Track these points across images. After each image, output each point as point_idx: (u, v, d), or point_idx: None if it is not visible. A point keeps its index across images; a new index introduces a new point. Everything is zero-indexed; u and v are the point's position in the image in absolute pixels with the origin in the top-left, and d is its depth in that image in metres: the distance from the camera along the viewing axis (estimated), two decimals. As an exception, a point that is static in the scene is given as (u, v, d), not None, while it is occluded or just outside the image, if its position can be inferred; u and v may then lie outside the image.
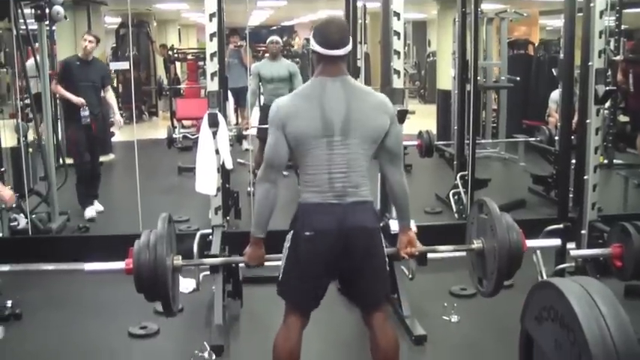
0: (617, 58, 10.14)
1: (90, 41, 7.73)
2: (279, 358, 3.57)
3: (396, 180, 3.63)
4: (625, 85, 9.86)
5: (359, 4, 7.81)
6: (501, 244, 3.60)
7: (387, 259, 3.62)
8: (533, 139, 9.47)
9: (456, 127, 8.69)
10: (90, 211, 7.76)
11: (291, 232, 3.51)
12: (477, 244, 3.87)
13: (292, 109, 3.47)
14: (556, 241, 4.52)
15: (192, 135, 11.17)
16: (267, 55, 9.48)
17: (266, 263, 3.73)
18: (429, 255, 4.89)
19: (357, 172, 3.49)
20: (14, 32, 7.23)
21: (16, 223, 6.87)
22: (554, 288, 2.66)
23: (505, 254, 3.59)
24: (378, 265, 3.56)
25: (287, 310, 3.63)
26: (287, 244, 3.53)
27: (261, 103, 9.42)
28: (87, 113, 7.59)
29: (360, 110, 3.46)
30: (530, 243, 3.85)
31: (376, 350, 3.64)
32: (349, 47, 3.52)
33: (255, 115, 9.81)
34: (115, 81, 15.42)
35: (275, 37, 9.25)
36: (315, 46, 3.52)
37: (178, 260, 3.74)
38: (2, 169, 6.90)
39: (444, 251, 4.15)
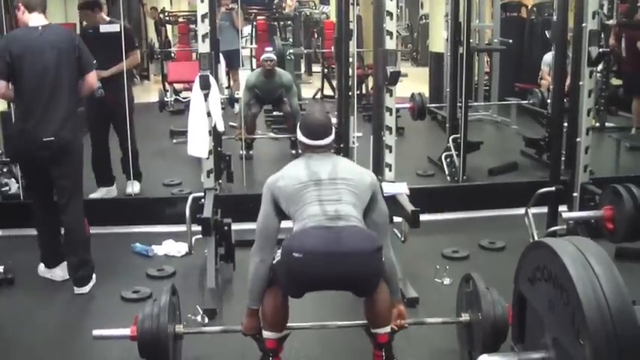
0: (610, 22, 10.11)
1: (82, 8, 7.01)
2: (268, 315, 3.66)
3: (385, 255, 3.67)
4: (617, 49, 9.83)
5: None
6: (486, 320, 3.73)
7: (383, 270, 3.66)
8: (526, 101, 9.47)
9: (448, 90, 8.67)
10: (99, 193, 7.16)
11: (281, 246, 3.52)
12: (464, 317, 4.03)
13: (279, 175, 3.74)
14: None
15: (184, 98, 11.11)
16: (261, 68, 9.21)
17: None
18: (422, 217, 4.91)
19: (348, 203, 3.57)
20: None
21: (7, 188, 6.85)
22: (547, 248, 2.65)
23: (489, 330, 3.72)
24: (376, 282, 3.59)
25: (275, 283, 3.66)
26: (279, 251, 3.58)
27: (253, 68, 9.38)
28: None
29: (345, 167, 3.78)
30: None
31: (369, 308, 3.70)
32: (332, 137, 3.82)
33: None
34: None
35: (270, 55, 9.11)
36: (300, 137, 3.82)
37: (180, 328, 3.93)
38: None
39: (432, 323, 4.22)
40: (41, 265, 5.43)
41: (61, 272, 5.35)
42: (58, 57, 5.02)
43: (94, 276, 5.28)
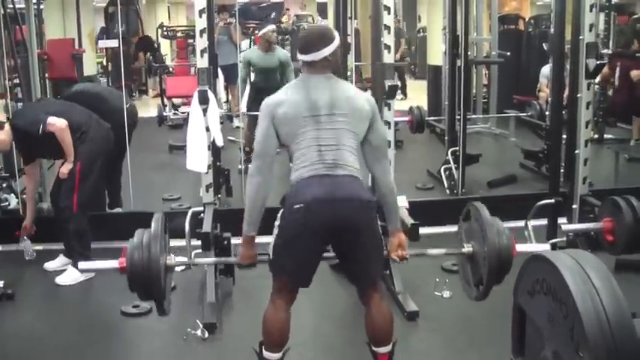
0: (605, 51, 10.10)
1: None
2: (270, 334, 3.61)
3: (383, 178, 3.67)
4: (612, 79, 9.82)
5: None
6: (491, 250, 3.63)
7: (382, 237, 3.62)
8: (524, 114, 9.48)
9: (446, 103, 8.69)
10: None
11: (281, 210, 3.50)
12: (467, 249, 3.91)
13: (280, 98, 3.62)
14: (545, 246, 4.37)
15: (183, 113, 11.14)
16: (258, 43, 9.28)
17: (257, 240, 3.71)
18: (421, 230, 4.91)
19: (346, 148, 3.52)
20: (1, 11, 7.15)
21: (6, 204, 6.85)
22: (547, 261, 2.65)
23: (494, 260, 3.61)
24: (374, 241, 3.56)
25: (274, 288, 3.64)
26: (277, 222, 3.52)
27: (251, 80, 9.40)
28: None
29: (343, 95, 3.62)
30: (520, 247, 3.84)
31: (371, 326, 3.67)
32: (325, 52, 3.61)
33: (245, 94, 9.82)
34: (105, 59, 15.36)
35: (272, 26, 9.19)
36: (297, 54, 3.69)
37: (171, 260, 3.78)
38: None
39: (435, 254, 4.16)
40: (74, 272, 5.60)
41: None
42: None
43: None
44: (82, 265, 3.92)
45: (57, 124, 5.52)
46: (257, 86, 8.89)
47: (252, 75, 9.18)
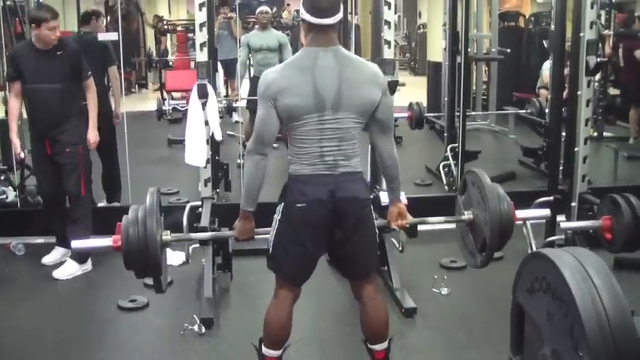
0: (606, 32, 10.14)
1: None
2: (271, 332, 3.58)
3: (387, 149, 3.57)
4: (615, 59, 9.88)
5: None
6: (493, 215, 3.58)
7: (377, 231, 3.61)
8: (524, 111, 9.46)
9: (446, 99, 8.67)
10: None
11: (282, 204, 3.47)
12: (467, 215, 3.86)
13: (284, 83, 3.33)
14: (545, 212, 4.50)
15: (182, 107, 11.13)
16: (256, 26, 9.48)
17: (256, 236, 3.69)
18: (420, 227, 4.89)
19: (348, 144, 3.44)
20: (1, 3, 7.13)
21: (4, 196, 6.83)
22: (546, 259, 2.63)
23: (496, 225, 3.57)
24: (368, 236, 3.54)
25: (277, 285, 3.60)
26: (277, 217, 3.48)
27: (251, 75, 9.41)
28: None
29: (351, 82, 3.36)
30: (520, 214, 3.84)
31: (366, 323, 3.65)
32: (340, 15, 3.35)
33: (244, 87, 9.83)
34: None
35: (264, 8, 9.33)
36: (304, 14, 3.36)
37: (167, 235, 3.70)
38: (-11, 142, 6.85)
39: (435, 222, 4.12)
40: (73, 266, 5.60)
41: (90, 263, 5.74)
42: None
43: None
44: (74, 244, 3.86)
45: (93, 85, 5.75)
46: (257, 77, 8.91)
47: (252, 69, 9.20)
